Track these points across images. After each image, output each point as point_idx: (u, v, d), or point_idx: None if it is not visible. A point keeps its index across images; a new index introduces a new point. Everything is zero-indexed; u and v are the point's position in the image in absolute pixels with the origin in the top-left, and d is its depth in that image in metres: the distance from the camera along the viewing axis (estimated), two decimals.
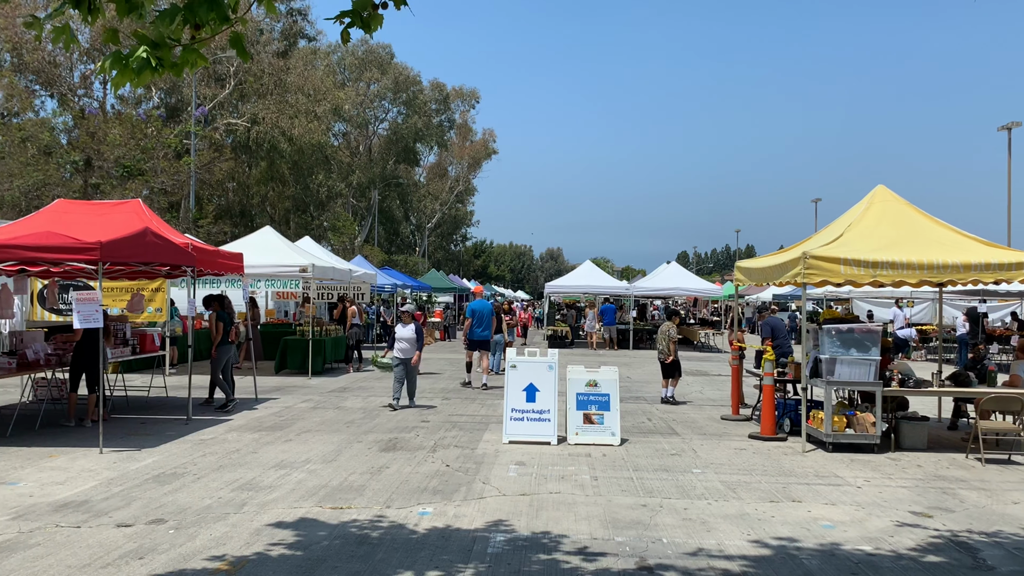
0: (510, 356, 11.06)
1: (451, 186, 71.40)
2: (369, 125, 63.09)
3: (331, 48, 57.23)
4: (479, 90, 72.29)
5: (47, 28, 4.09)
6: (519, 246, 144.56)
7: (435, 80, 66.34)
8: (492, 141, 71.73)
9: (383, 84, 60.44)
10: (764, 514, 7.41)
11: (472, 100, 69.16)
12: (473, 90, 68.94)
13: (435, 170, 72.14)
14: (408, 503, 7.59)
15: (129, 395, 14.49)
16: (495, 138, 72.06)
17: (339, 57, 59.24)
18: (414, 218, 72.78)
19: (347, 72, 60.05)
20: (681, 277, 32.14)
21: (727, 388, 16.85)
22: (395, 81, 60.63)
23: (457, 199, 73.53)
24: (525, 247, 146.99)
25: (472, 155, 70.65)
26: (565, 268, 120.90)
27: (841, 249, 10.40)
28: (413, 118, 62.15)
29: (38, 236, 9.95)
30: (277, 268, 17.96)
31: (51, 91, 35.81)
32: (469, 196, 76.28)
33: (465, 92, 68.40)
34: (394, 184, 64.12)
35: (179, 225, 31.85)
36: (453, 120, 68.66)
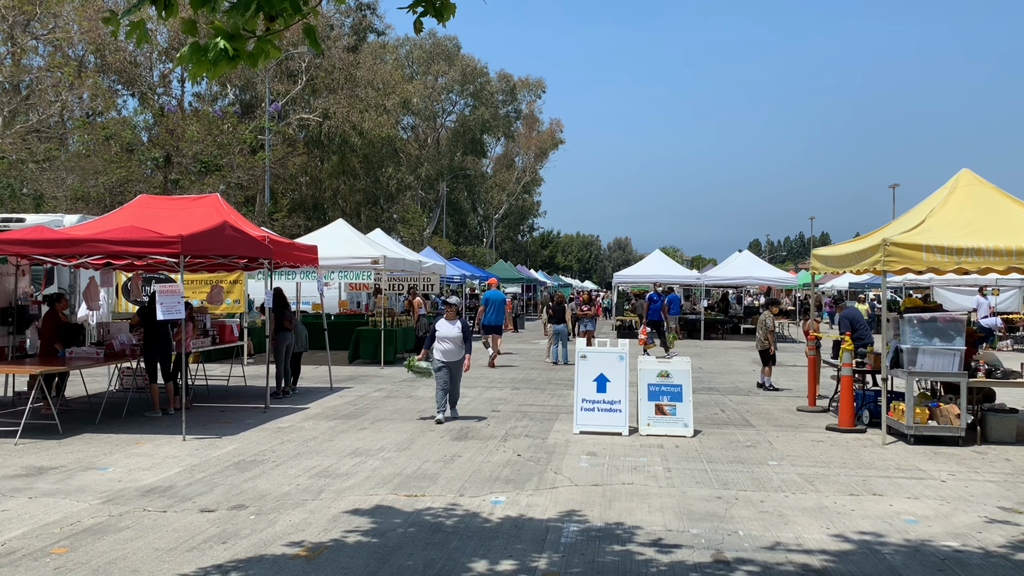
0: (580, 346, 11.03)
1: (518, 177, 71.43)
2: (437, 117, 63.57)
3: (399, 42, 57.82)
4: (545, 80, 71.89)
5: (124, 24, 4.20)
6: (586, 236, 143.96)
7: (502, 71, 66.48)
8: (559, 131, 71.50)
9: (450, 76, 60.81)
10: (844, 507, 7.23)
11: (538, 90, 69.05)
12: (539, 80, 68.85)
13: (502, 161, 72.27)
14: (481, 492, 7.64)
15: (210, 384, 14.93)
16: (562, 128, 71.83)
17: (407, 51, 59.80)
18: (481, 209, 73.08)
19: (415, 65, 60.59)
20: (753, 266, 31.56)
21: (803, 379, 16.48)
22: (462, 73, 60.94)
23: (524, 190, 73.54)
24: (593, 237, 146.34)
25: (539, 145, 70.52)
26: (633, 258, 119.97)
27: (923, 235, 10.04)
28: (480, 109, 62.37)
29: (122, 231, 10.31)
30: (350, 260, 18.27)
31: (132, 90, 37.05)
32: (536, 186, 76.20)
33: (531, 82, 68.31)
34: (462, 176, 64.49)
35: (255, 219, 32.63)
36: (520, 111, 68.68)
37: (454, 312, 11.41)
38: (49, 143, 28.62)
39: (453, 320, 11.34)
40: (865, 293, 38.37)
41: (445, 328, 11.29)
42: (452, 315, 11.36)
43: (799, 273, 39.80)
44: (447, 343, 11.28)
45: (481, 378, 16.75)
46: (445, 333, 11.27)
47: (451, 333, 11.26)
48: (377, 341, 18.92)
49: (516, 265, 57.08)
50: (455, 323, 11.30)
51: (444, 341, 11.29)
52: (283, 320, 13.78)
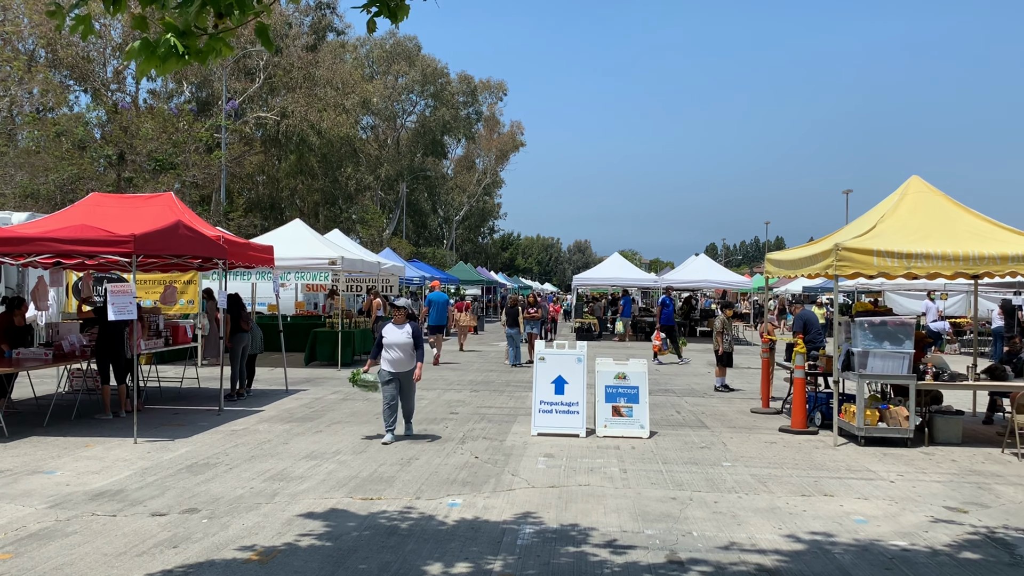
0: (539, 348, 11.05)
1: (478, 179, 71.43)
2: (397, 118, 63.29)
3: (359, 41, 57.45)
4: (506, 82, 72.08)
5: (70, 18, 4.12)
6: (547, 238, 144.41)
7: (463, 72, 66.44)
8: (520, 133, 71.67)
9: (411, 77, 60.60)
10: (796, 508, 7.34)
11: (499, 92, 69.13)
12: (500, 82, 68.91)
13: (463, 163, 72.21)
14: (438, 494, 7.62)
15: (162, 386, 14.68)
16: (523, 130, 72.03)
17: (367, 50, 59.46)
18: (442, 211, 72.91)
19: (375, 65, 60.27)
20: (710, 269, 31.93)
21: (757, 381, 16.72)
22: (423, 74, 60.77)
23: (484, 191, 73.55)
24: (553, 239, 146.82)
25: (500, 147, 70.60)
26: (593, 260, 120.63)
27: (874, 241, 10.26)
28: (441, 110, 62.26)
29: (73, 229, 10.10)
30: (307, 260, 18.09)
31: (85, 86, 36.30)
32: (496, 188, 76.26)
33: (492, 84, 68.37)
34: (422, 177, 64.27)
35: (210, 218, 32.18)
36: (480, 112, 68.70)
37: (403, 316, 10.05)
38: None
39: (402, 324, 9.99)
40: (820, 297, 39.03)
41: (393, 334, 9.93)
42: (401, 319, 10.00)
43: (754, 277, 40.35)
44: (395, 351, 9.90)
45: (439, 380, 16.71)
46: (393, 339, 9.90)
47: (399, 339, 9.91)
48: (334, 343, 18.77)
49: (476, 267, 57.02)
50: (404, 328, 9.96)
51: (392, 349, 9.90)
52: (240, 321, 13.61)
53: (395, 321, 10.00)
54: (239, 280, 20.78)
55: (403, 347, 9.92)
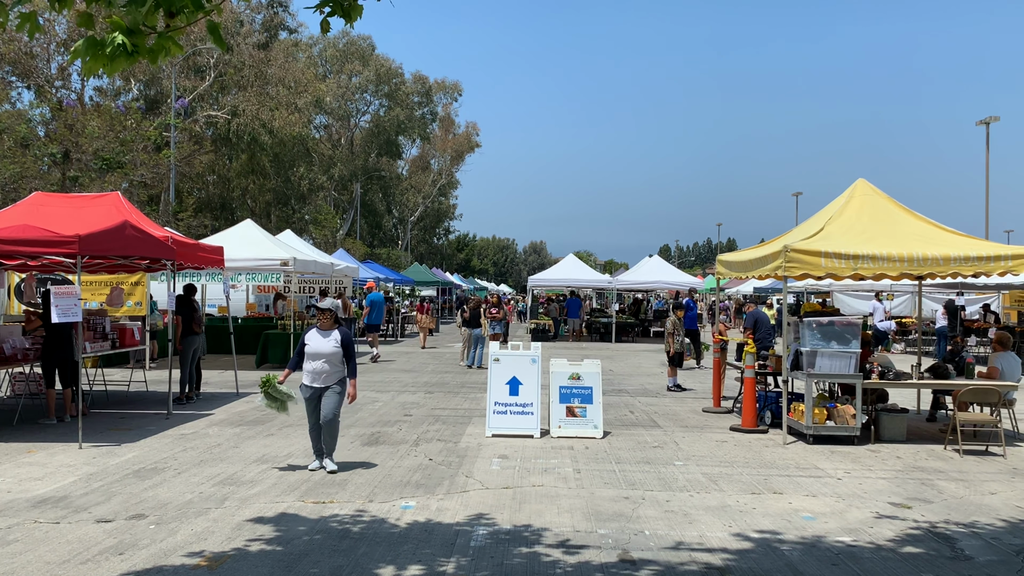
0: (493, 349, 11.05)
1: (434, 179, 71.24)
2: (351, 118, 62.83)
3: (312, 40, 56.86)
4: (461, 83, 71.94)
5: (14, 15, 4.03)
6: (502, 239, 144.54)
7: (417, 72, 66.15)
8: (475, 134, 71.64)
9: (365, 76, 60.22)
10: (745, 506, 7.45)
11: (455, 93, 69.00)
12: (456, 83, 68.79)
13: (418, 163, 71.95)
14: (391, 497, 7.57)
15: (109, 390, 14.36)
16: (478, 131, 72.00)
17: (320, 49, 58.92)
18: (396, 211, 72.54)
19: (328, 64, 59.76)
20: (663, 271, 32.22)
21: (709, 380, 16.92)
22: (377, 73, 60.42)
23: (440, 192, 73.40)
24: (508, 240, 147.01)
25: (455, 148, 70.49)
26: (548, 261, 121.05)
27: (822, 242, 10.46)
28: (395, 110, 61.96)
29: (15, 229, 9.83)
30: (258, 261, 17.85)
31: (28, 82, 35.36)
32: (452, 189, 76.17)
33: (448, 85, 68.21)
34: (376, 177, 63.88)
35: (159, 218, 31.58)
36: (436, 113, 68.51)
37: (330, 320, 8.48)
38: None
39: (328, 331, 8.44)
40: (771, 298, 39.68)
41: (317, 342, 8.37)
42: (327, 324, 8.45)
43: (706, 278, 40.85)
44: (319, 362, 8.34)
45: (394, 382, 16.62)
46: (317, 348, 8.33)
47: (325, 348, 8.33)
48: (286, 345, 18.55)
49: (432, 268, 56.84)
50: (331, 335, 8.41)
51: (314, 359, 8.35)
52: (192, 323, 13.38)
53: (320, 326, 8.46)
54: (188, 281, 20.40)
55: (329, 358, 8.34)
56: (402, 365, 20.39)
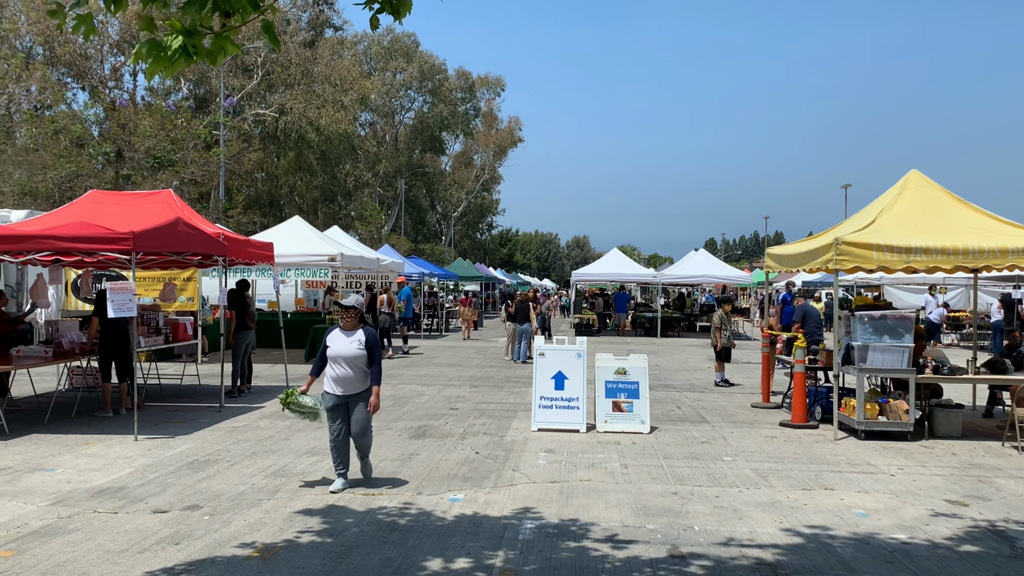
0: (539, 344, 11.06)
1: (477, 175, 71.34)
2: (395, 114, 63.22)
3: (357, 38, 57.35)
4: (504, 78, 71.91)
5: (71, 17, 4.11)
6: (545, 234, 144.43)
7: (460, 68, 66.26)
8: (518, 129, 71.50)
9: (409, 73, 60.51)
10: (796, 502, 7.35)
11: (498, 88, 68.96)
12: (499, 78, 68.75)
13: (461, 159, 72.12)
14: (439, 490, 7.63)
15: (163, 383, 14.67)
16: (521, 126, 71.82)
17: (365, 47, 59.37)
18: (440, 207, 72.85)
19: (373, 61, 60.18)
20: (709, 264, 31.94)
21: (757, 376, 16.73)
22: (421, 70, 60.67)
23: (483, 188, 73.48)
24: (551, 235, 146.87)
25: (498, 143, 70.49)
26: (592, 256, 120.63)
27: (874, 235, 10.26)
28: (439, 107, 62.18)
29: (72, 227, 10.09)
30: (307, 257, 18.10)
31: (82, 83, 36.22)
32: (495, 184, 76.17)
33: (491, 80, 68.21)
34: (420, 173, 64.22)
35: (209, 215, 32.13)
36: (479, 108, 68.55)
37: (354, 319, 7.53)
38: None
39: (351, 331, 7.53)
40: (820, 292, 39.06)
41: (339, 343, 7.47)
42: (351, 323, 7.52)
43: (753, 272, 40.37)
44: (342, 366, 7.42)
45: (439, 376, 16.72)
46: (339, 350, 7.43)
47: (347, 351, 7.40)
48: None
49: (475, 263, 57.02)
50: (354, 335, 7.49)
51: (338, 363, 7.44)
52: (245, 318, 13.62)
53: (343, 326, 7.55)
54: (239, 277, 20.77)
55: (352, 361, 7.41)
56: (447, 359, 20.50)
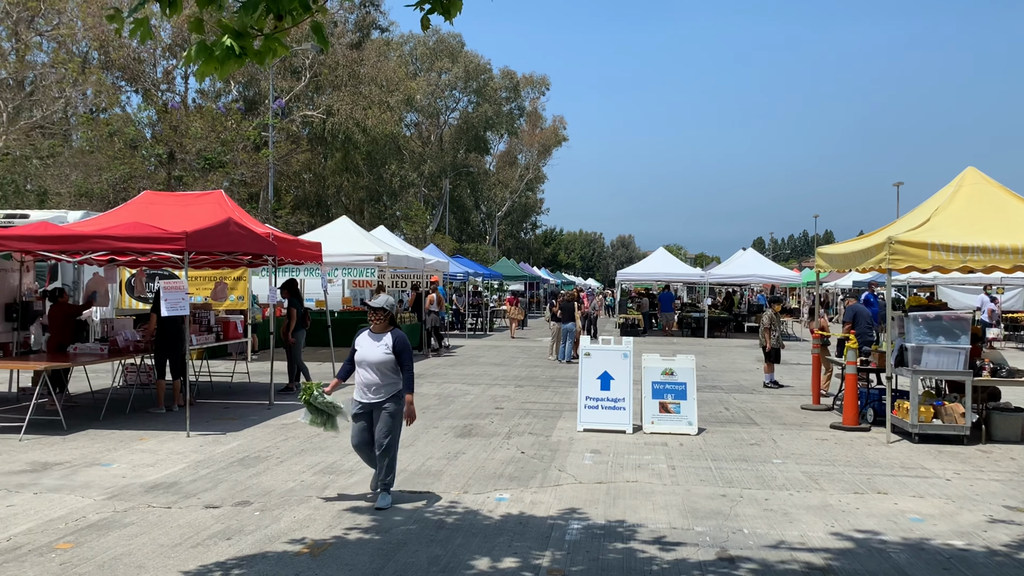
0: (584, 344, 11.01)
1: (521, 174, 71.40)
2: (440, 115, 63.54)
3: (403, 39, 57.78)
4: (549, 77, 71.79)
5: (128, 22, 4.19)
6: (589, 233, 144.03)
7: (505, 68, 66.33)
8: (562, 128, 71.40)
9: (454, 73, 60.77)
10: (848, 506, 7.22)
11: (542, 87, 68.92)
12: (543, 77, 68.72)
13: (505, 158, 72.22)
14: (485, 489, 7.64)
15: (213, 381, 14.93)
16: (565, 125, 71.72)
17: (411, 47, 59.78)
18: (484, 206, 73.03)
19: (419, 62, 60.56)
20: (757, 264, 31.55)
21: (806, 377, 16.46)
22: (466, 70, 60.90)
23: (527, 187, 73.51)
24: (596, 234, 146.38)
25: (542, 142, 70.44)
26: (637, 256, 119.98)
27: (928, 234, 10.02)
28: (483, 106, 62.34)
29: (127, 227, 10.32)
30: (354, 257, 18.29)
31: (136, 87, 37.01)
32: (539, 184, 76.15)
33: (535, 79, 68.20)
34: (464, 173, 64.46)
35: (258, 215, 32.60)
36: (523, 108, 68.56)
37: (384, 321, 7.12)
38: (53, 139, 28.63)
39: (380, 334, 7.08)
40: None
41: (365, 346, 7.05)
42: (380, 326, 7.11)
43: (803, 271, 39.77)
44: (368, 371, 6.98)
45: (484, 375, 16.76)
46: (364, 354, 7.01)
47: (374, 355, 6.96)
48: None
49: (519, 263, 57.06)
50: (383, 339, 7.03)
51: (363, 368, 7.02)
52: (305, 316, 13.91)
53: (373, 329, 7.12)
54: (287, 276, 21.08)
55: (379, 367, 6.93)
56: (491, 359, 20.55)
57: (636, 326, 30.68)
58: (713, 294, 38.31)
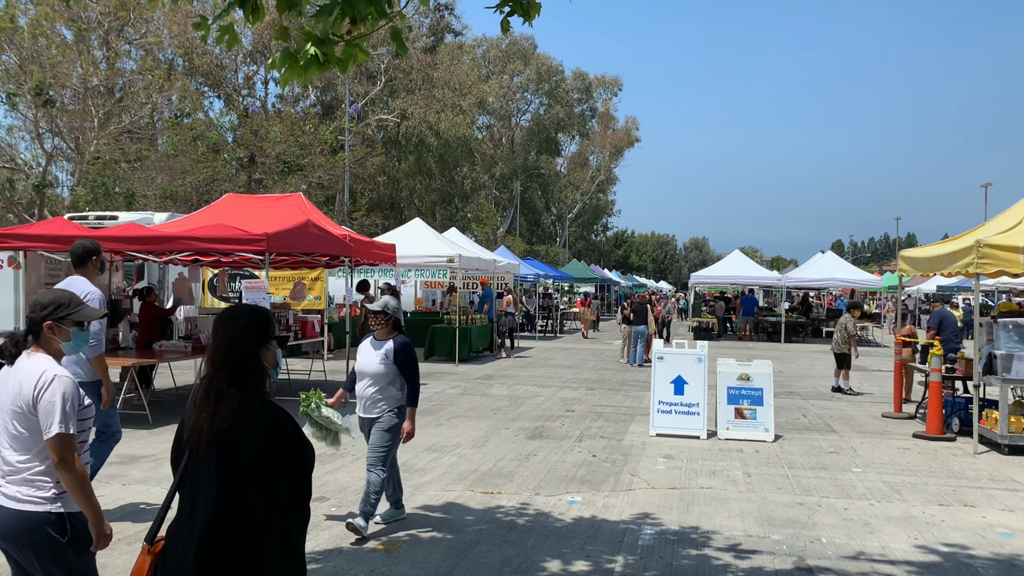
0: (657, 347, 10.91)
1: (592, 175, 71.11)
2: (512, 117, 63.76)
3: (476, 42, 58.20)
4: (621, 78, 71.33)
5: (214, 29, 4.32)
6: (662, 235, 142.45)
7: (577, 69, 66.16)
8: (635, 129, 70.85)
9: (526, 75, 60.91)
10: (932, 518, 6.98)
11: (614, 88, 68.51)
12: (615, 78, 68.29)
13: (576, 160, 72.03)
14: (556, 491, 7.64)
15: (291, 378, 15.28)
16: (638, 126, 71.14)
17: (484, 50, 60.17)
18: (555, 208, 72.99)
19: (491, 65, 60.90)
20: (836, 267, 30.75)
21: (887, 384, 15.99)
22: (538, 72, 60.96)
23: (598, 188, 73.16)
24: (668, 236, 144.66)
25: (614, 144, 70.03)
26: (711, 258, 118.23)
27: (1020, 237, 9.62)
28: (555, 108, 62.32)
29: (211, 228, 10.65)
30: (426, 258, 18.49)
31: (218, 92, 38.20)
32: (610, 185, 75.69)
33: (607, 80, 67.84)
34: (535, 175, 64.54)
35: (335, 217, 33.24)
36: (595, 109, 68.26)
37: (387, 327, 6.32)
38: (140, 144, 29.73)
39: (382, 341, 6.32)
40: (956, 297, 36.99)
41: (364, 355, 6.38)
42: (383, 332, 6.33)
43: (884, 275, 38.66)
44: (366, 382, 6.35)
45: (554, 377, 16.75)
46: (362, 363, 6.37)
47: (369, 364, 6.30)
48: (452, 339, 19.10)
49: (590, 265, 56.85)
50: (383, 347, 6.28)
51: (363, 379, 6.38)
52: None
53: (376, 335, 6.38)
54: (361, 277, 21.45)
55: (376, 378, 6.27)
56: (562, 361, 20.52)
57: (710, 330, 30.22)
58: (790, 298, 37.49)
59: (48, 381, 3.31)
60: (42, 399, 3.29)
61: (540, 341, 27.98)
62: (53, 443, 3.26)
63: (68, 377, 3.38)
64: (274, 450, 2.65)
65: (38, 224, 12.41)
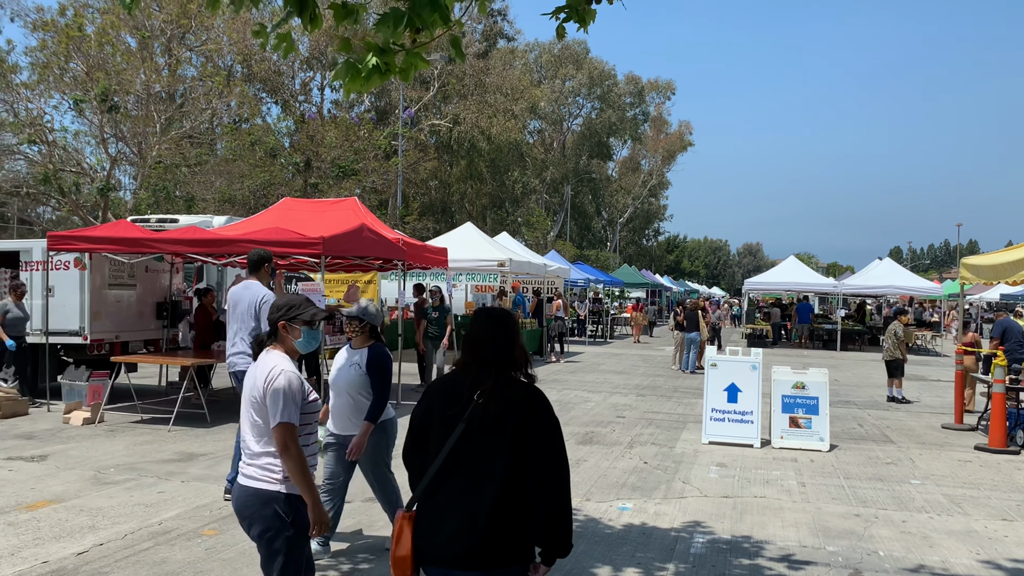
0: (710, 354, 10.81)
1: (644, 180, 70.66)
2: (563, 121, 63.72)
3: (528, 47, 58.34)
4: (675, 81, 70.72)
5: (272, 37, 4.41)
6: (714, 241, 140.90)
7: (630, 73, 65.94)
8: (688, 133, 70.24)
9: (578, 80, 60.84)
10: (995, 533, 6.79)
11: (667, 92, 68.00)
12: (668, 82, 67.78)
13: (627, 164, 71.66)
14: (607, 497, 7.61)
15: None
16: (691, 130, 70.52)
17: (536, 55, 60.28)
18: (606, 213, 72.69)
19: (543, 70, 60.97)
20: (895, 274, 30.08)
21: (948, 394, 15.59)
22: (590, 76, 60.85)
23: (650, 193, 72.68)
24: (721, 242, 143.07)
25: (666, 148, 69.50)
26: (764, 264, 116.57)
27: None
28: (607, 112, 62.12)
29: (269, 232, 10.85)
30: (477, 262, 18.58)
31: (276, 98, 38.95)
32: (662, 190, 75.12)
33: (660, 84, 67.38)
34: (586, 179, 64.40)
35: (387, 221, 33.59)
36: (647, 113, 67.85)
37: (363, 335, 5.78)
38: (200, 148, 30.43)
39: (357, 349, 5.78)
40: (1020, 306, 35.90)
41: (337, 364, 5.88)
42: (359, 339, 5.78)
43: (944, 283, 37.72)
44: (338, 394, 5.78)
45: (605, 383, 16.69)
46: (333, 374, 5.83)
47: (342, 376, 5.74)
48: None
49: (641, 270, 56.51)
50: (356, 356, 5.75)
51: (333, 391, 5.83)
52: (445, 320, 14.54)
53: (353, 344, 5.81)
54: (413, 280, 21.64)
55: (350, 389, 5.70)
56: (612, 367, 20.43)
57: (764, 337, 29.80)
58: (846, 305, 36.77)
59: (276, 375, 3.67)
60: (269, 391, 3.65)
61: (590, 346, 27.89)
62: (277, 432, 3.62)
63: (294, 372, 3.70)
64: (551, 420, 3.12)
65: (102, 227, 12.79)
